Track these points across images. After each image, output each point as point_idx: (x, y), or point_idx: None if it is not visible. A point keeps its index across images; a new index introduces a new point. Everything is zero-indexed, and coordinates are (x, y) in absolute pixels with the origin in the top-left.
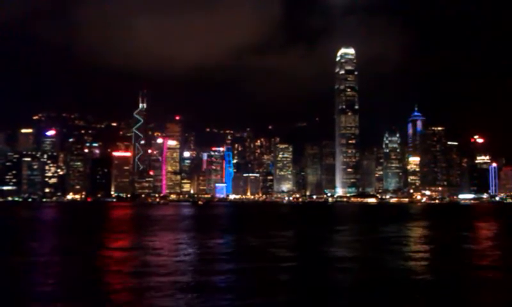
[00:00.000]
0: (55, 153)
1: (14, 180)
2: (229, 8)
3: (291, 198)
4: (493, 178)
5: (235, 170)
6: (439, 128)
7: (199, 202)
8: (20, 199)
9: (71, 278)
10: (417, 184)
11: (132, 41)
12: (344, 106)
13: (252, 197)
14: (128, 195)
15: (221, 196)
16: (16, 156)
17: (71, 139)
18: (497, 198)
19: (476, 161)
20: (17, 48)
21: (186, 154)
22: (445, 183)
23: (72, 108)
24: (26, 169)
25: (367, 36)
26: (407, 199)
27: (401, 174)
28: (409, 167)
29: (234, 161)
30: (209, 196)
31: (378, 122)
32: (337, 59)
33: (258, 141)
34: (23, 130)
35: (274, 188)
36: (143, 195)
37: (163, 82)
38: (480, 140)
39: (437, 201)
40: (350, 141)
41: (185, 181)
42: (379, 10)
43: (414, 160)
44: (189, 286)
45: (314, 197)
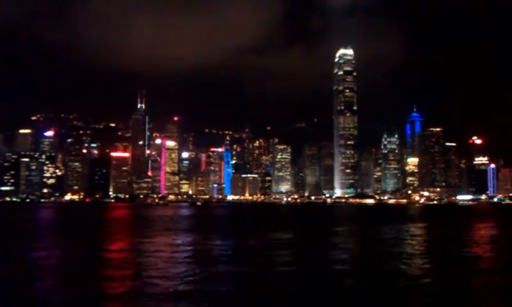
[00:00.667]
0: (53, 154)
1: (12, 181)
2: (228, 9)
3: (289, 199)
4: (492, 179)
5: (233, 171)
6: (437, 129)
7: (197, 203)
8: (18, 199)
9: (64, 282)
10: (415, 185)
11: (131, 41)
12: (343, 107)
13: (250, 198)
14: (126, 196)
15: (220, 197)
16: (14, 156)
17: (69, 140)
18: (495, 199)
19: (474, 162)
20: (15, 48)
21: (185, 155)
22: (444, 184)
23: (70, 108)
24: (24, 170)
25: (366, 37)
26: (405, 200)
27: (399, 175)
28: (407, 168)
29: (233, 162)
30: (207, 197)
31: (377, 123)
32: (336, 60)
33: (256, 142)
34: (21, 131)
35: (272, 189)
36: (141, 195)
37: (162, 82)
38: (478, 141)
39: (435, 202)
40: (348, 142)
41: (183, 181)
42: (377, 11)
43: (412, 161)
44: (183, 291)
45: (313, 198)
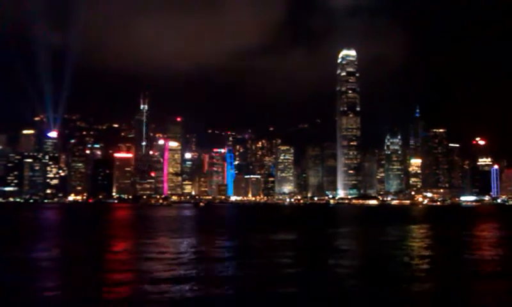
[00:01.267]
0: (56, 155)
1: (16, 181)
2: (231, 9)
3: (292, 200)
4: (495, 180)
5: (236, 171)
6: (440, 130)
7: (200, 203)
8: (22, 200)
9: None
10: (419, 186)
11: (134, 42)
12: (346, 108)
13: (253, 198)
14: (129, 196)
15: (222, 198)
16: (18, 157)
17: (72, 140)
18: (499, 200)
19: (478, 163)
20: (18, 49)
21: (187, 155)
22: (447, 185)
23: (74, 109)
24: (28, 170)
25: (369, 38)
26: (408, 201)
27: (403, 176)
28: (410, 169)
29: (235, 162)
30: (210, 198)
31: (380, 124)
32: (338, 61)
33: (259, 143)
34: (25, 131)
35: (275, 189)
36: (144, 196)
37: (164, 83)
38: (481, 142)
39: (438, 203)
40: (351, 143)
41: (186, 182)
42: (380, 12)
43: (415, 162)
44: (186, 293)
45: (315, 199)
